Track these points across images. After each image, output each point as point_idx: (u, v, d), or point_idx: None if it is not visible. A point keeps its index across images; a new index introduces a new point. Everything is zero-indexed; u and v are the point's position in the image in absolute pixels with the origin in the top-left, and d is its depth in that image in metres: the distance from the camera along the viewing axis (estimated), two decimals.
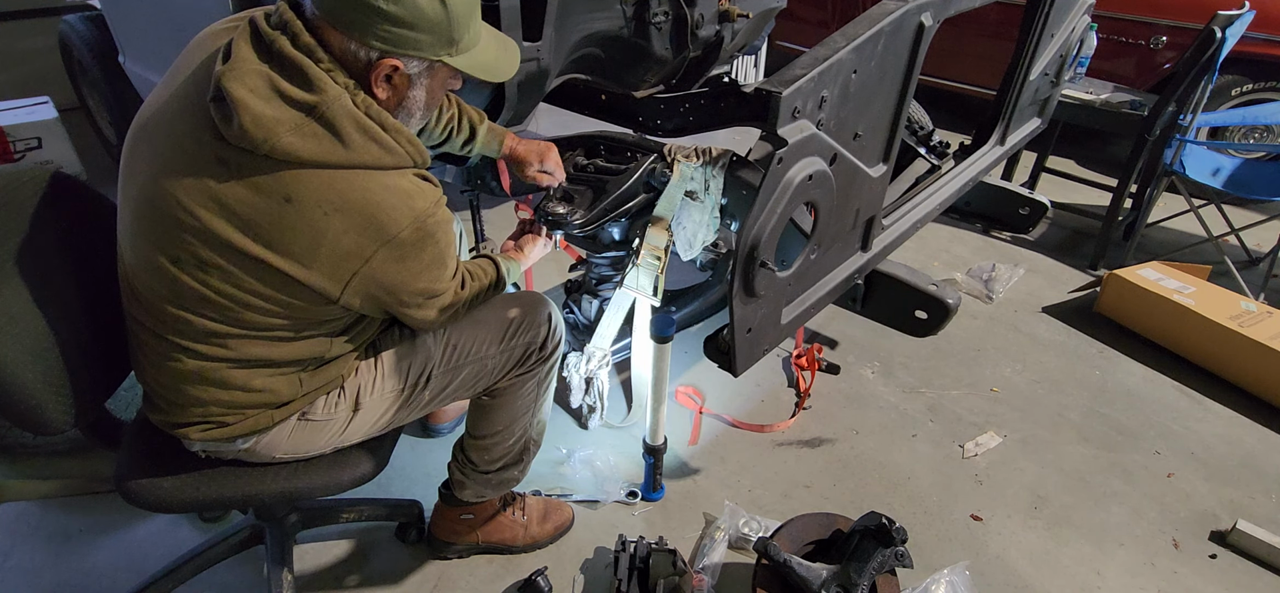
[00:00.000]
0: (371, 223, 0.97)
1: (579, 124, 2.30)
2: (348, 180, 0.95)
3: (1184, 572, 1.66)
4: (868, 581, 1.38)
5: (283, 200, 0.93)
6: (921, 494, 1.84)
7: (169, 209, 0.95)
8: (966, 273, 2.86)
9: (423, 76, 1.03)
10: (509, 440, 1.45)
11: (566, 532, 1.68)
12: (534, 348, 1.37)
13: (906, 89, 1.44)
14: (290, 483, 1.22)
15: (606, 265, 1.79)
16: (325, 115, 0.93)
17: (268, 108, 0.90)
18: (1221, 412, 2.17)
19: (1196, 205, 2.83)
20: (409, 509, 1.64)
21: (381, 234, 0.98)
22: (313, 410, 1.18)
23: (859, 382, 2.24)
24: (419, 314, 1.13)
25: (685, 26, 2.29)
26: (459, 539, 1.59)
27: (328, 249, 0.96)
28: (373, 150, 0.97)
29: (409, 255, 1.02)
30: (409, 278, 1.05)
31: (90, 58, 3.02)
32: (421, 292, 1.09)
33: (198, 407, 1.09)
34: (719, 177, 1.37)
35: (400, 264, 1.02)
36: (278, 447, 1.18)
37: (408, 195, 1.00)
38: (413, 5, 0.95)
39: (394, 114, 1.04)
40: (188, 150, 0.94)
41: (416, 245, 1.02)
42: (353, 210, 0.96)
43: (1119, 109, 2.85)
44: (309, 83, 0.92)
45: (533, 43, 1.68)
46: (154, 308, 1.02)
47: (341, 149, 0.94)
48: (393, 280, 1.03)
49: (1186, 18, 3.45)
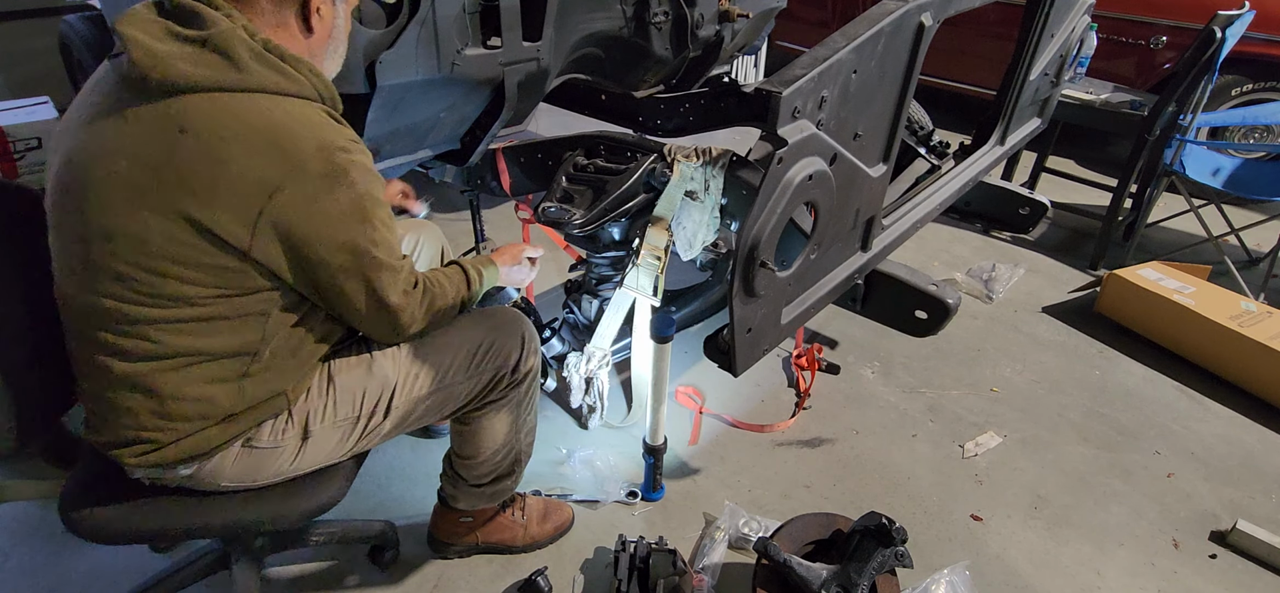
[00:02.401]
0: (273, 147, 0.92)
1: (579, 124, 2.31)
2: (245, 103, 0.92)
3: (1184, 572, 1.66)
4: (868, 581, 1.38)
5: (178, 131, 0.90)
6: (921, 494, 1.84)
7: (75, 183, 0.93)
8: (966, 273, 2.86)
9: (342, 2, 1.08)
10: (496, 458, 1.42)
11: (567, 532, 1.68)
12: (505, 372, 1.31)
13: (906, 89, 1.44)
14: (238, 514, 1.15)
15: (606, 265, 1.79)
16: (217, 43, 0.91)
17: (160, 45, 0.90)
18: (1221, 412, 2.17)
19: (1196, 205, 2.83)
20: (383, 532, 1.56)
21: (285, 160, 0.92)
22: (258, 437, 1.11)
23: (859, 382, 2.24)
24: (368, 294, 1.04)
25: (685, 26, 2.29)
26: (458, 540, 1.59)
27: (228, 182, 0.90)
28: (270, 76, 0.94)
29: (320, 193, 0.95)
30: (326, 225, 0.96)
31: (90, 58, 3.02)
32: (351, 250, 0.99)
33: (128, 419, 1.01)
34: (719, 177, 1.37)
35: (311, 205, 0.95)
36: (222, 474, 1.11)
37: (313, 125, 0.96)
38: None
39: (327, 47, 1.07)
40: (93, 121, 0.94)
41: (327, 180, 0.95)
42: (252, 134, 0.91)
43: (1119, 109, 2.85)
44: (201, 21, 0.92)
45: (533, 43, 1.68)
46: (75, 306, 0.98)
47: (235, 72, 0.92)
48: (307, 226, 0.95)
49: (1186, 18, 3.45)
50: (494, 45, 1.60)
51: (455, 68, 1.51)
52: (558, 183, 1.57)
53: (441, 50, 1.47)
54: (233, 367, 1.04)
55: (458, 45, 1.51)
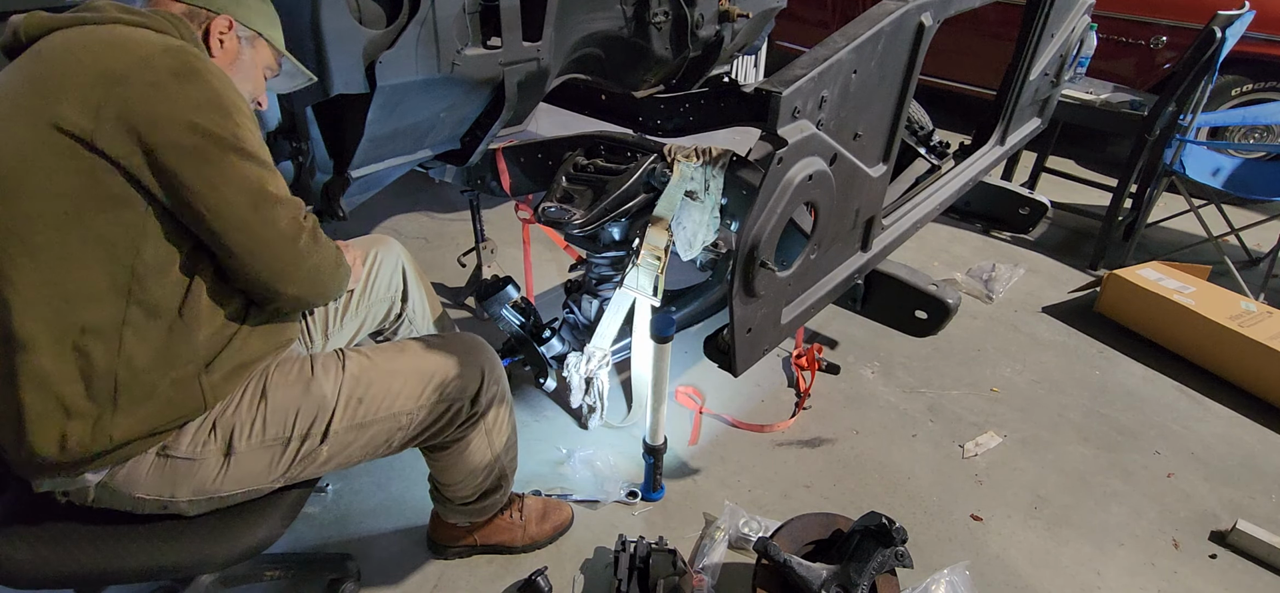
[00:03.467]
0: (120, 48, 0.93)
1: (579, 124, 2.31)
2: (103, 28, 0.96)
3: (1184, 572, 1.66)
4: (868, 581, 1.38)
5: (33, 57, 0.94)
6: (921, 494, 1.84)
7: None
8: (966, 273, 2.86)
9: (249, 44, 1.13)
10: (476, 480, 1.39)
11: (566, 531, 1.67)
12: (461, 404, 1.23)
13: (906, 89, 1.44)
14: (162, 553, 1.05)
15: (606, 265, 1.79)
16: (89, 5, 0.99)
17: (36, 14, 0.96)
18: (1221, 412, 2.17)
19: (1196, 205, 2.83)
20: (341, 564, 1.49)
21: (129, 55, 0.92)
22: (176, 445, 1.03)
23: (859, 382, 2.24)
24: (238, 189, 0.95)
25: (685, 26, 2.29)
26: (457, 543, 1.59)
27: (73, 81, 0.90)
28: (133, 16, 0.99)
29: (169, 84, 0.92)
30: (174, 107, 0.91)
31: None
32: (202, 132, 0.92)
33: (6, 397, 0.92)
34: (719, 177, 1.37)
35: (161, 90, 0.91)
36: (137, 483, 1.02)
37: (165, 42, 0.96)
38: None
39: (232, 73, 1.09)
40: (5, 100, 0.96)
41: (176, 75, 0.92)
42: (102, 45, 0.93)
43: (1119, 109, 2.85)
44: None
45: (533, 43, 1.68)
46: None
47: (95, 14, 0.97)
48: (153, 108, 0.90)
49: (1186, 18, 3.45)
50: (494, 45, 1.61)
51: (455, 68, 1.51)
52: (558, 183, 1.57)
53: (441, 50, 1.47)
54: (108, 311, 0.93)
55: (458, 45, 1.51)
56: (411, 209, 3.29)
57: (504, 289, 1.87)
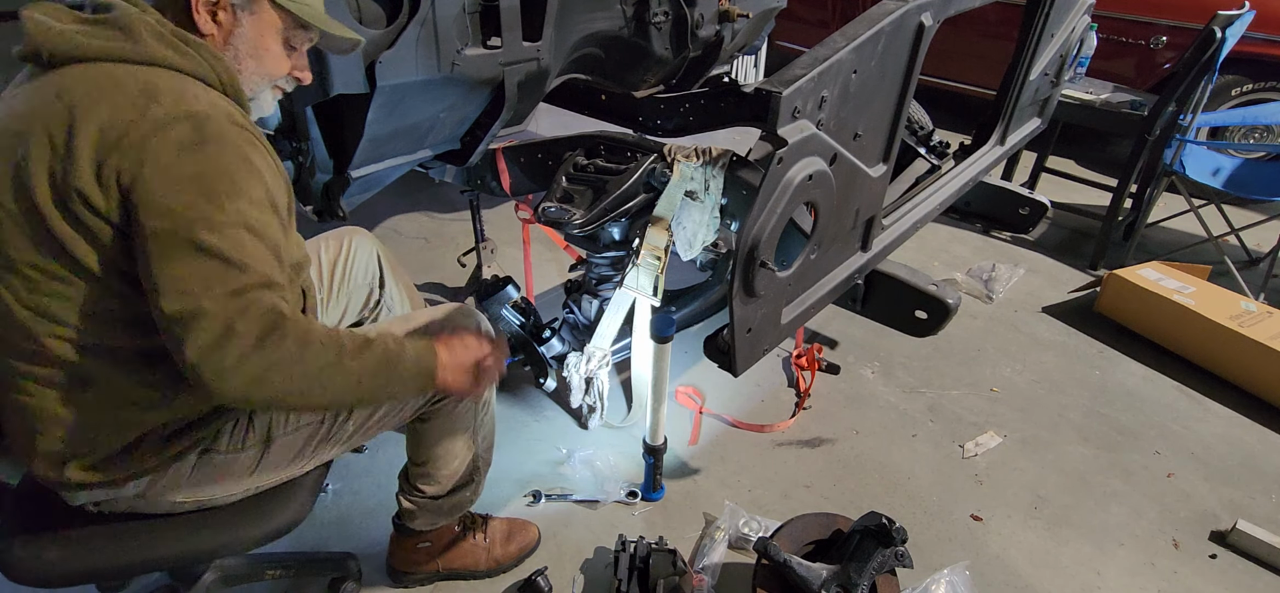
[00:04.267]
0: (138, 104, 0.85)
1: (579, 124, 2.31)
2: (128, 70, 0.87)
3: (1184, 572, 1.66)
4: (868, 581, 1.38)
5: (53, 97, 0.85)
6: (921, 494, 1.84)
7: None
8: (966, 273, 2.86)
9: (247, 10, 0.97)
10: (453, 462, 1.38)
11: (533, 551, 1.62)
12: None
13: (906, 89, 1.44)
14: (191, 543, 1.06)
15: (606, 265, 1.79)
16: (120, 21, 0.89)
17: (58, 24, 0.88)
18: (1221, 412, 2.17)
19: (1196, 205, 2.83)
20: (343, 563, 1.50)
21: (145, 115, 0.84)
22: (217, 444, 1.03)
23: (859, 382, 2.24)
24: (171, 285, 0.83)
25: (685, 26, 2.29)
26: (418, 569, 1.52)
27: (88, 135, 0.83)
28: (167, 53, 0.90)
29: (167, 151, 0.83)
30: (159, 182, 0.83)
31: None
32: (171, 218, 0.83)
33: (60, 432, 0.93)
34: (719, 177, 1.37)
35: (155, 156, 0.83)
36: (177, 489, 1.02)
37: (195, 97, 0.88)
38: None
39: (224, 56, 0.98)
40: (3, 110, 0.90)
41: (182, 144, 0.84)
42: (124, 93, 0.85)
43: (1119, 109, 2.85)
44: (108, 6, 0.91)
45: (533, 43, 1.68)
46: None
47: (128, 43, 0.88)
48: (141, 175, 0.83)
49: (1186, 18, 3.45)
50: (494, 45, 1.61)
51: (455, 68, 1.51)
52: (558, 183, 1.57)
53: (441, 50, 1.47)
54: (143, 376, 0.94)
55: (458, 45, 1.51)
56: (411, 209, 3.29)
57: (504, 289, 1.87)
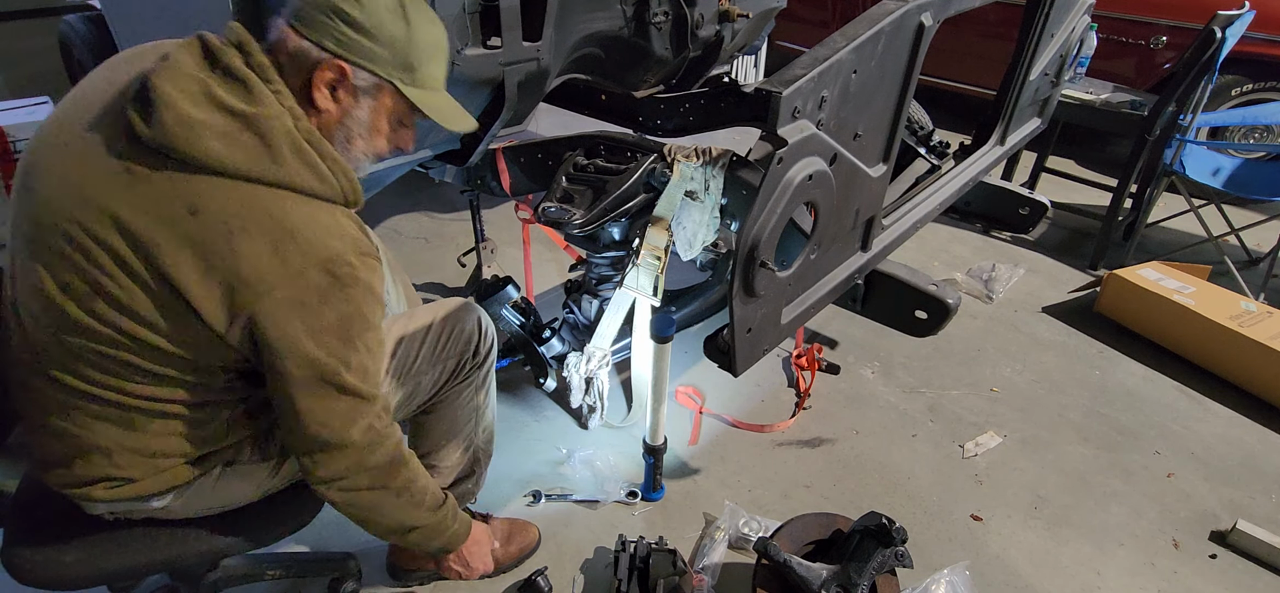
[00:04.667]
0: (278, 251, 0.86)
1: (579, 124, 2.31)
2: (265, 199, 0.86)
3: (1184, 572, 1.66)
4: (868, 581, 1.38)
5: (187, 212, 0.83)
6: (921, 494, 1.84)
7: (60, 224, 0.85)
8: (966, 273, 2.86)
9: (369, 95, 0.96)
10: (455, 454, 1.39)
11: (533, 552, 1.61)
12: (467, 357, 1.30)
13: (906, 89, 1.44)
14: (212, 542, 1.07)
15: (606, 265, 1.79)
16: (260, 127, 0.86)
17: (196, 110, 0.83)
18: (1221, 412, 2.17)
19: (1196, 205, 2.83)
20: (343, 564, 1.50)
21: (286, 266, 0.86)
22: (239, 457, 1.05)
23: (859, 382, 2.24)
24: (317, 418, 0.93)
25: (685, 26, 2.29)
26: (419, 567, 1.53)
27: (223, 271, 0.84)
28: (304, 175, 0.88)
29: (311, 302, 0.88)
30: (304, 336, 0.89)
31: (90, 58, 3.01)
32: (314, 365, 0.90)
33: (100, 458, 0.94)
34: (719, 177, 1.37)
35: (299, 310, 0.88)
36: (201, 501, 1.05)
37: (327, 231, 0.89)
38: (376, 16, 0.91)
39: (334, 134, 0.96)
40: (88, 158, 0.86)
41: (322, 292, 0.88)
42: (262, 232, 0.85)
43: (1119, 109, 2.85)
44: (251, 96, 0.86)
45: (533, 43, 1.68)
46: (43, 344, 0.90)
47: (269, 163, 0.86)
48: (285, 331, 0.88)
49: (1186, 18, 3.45)
50: (494, 45, 1.61)
51: (455, 68, 1.51)
52: (558, 183, 1.57)
53: None
54: (219, 410, 0.98)
55: (458, 45, 1.51)
56: (411, 209, 3.29)
57: (504, 289, 1.87)
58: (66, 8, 3.48)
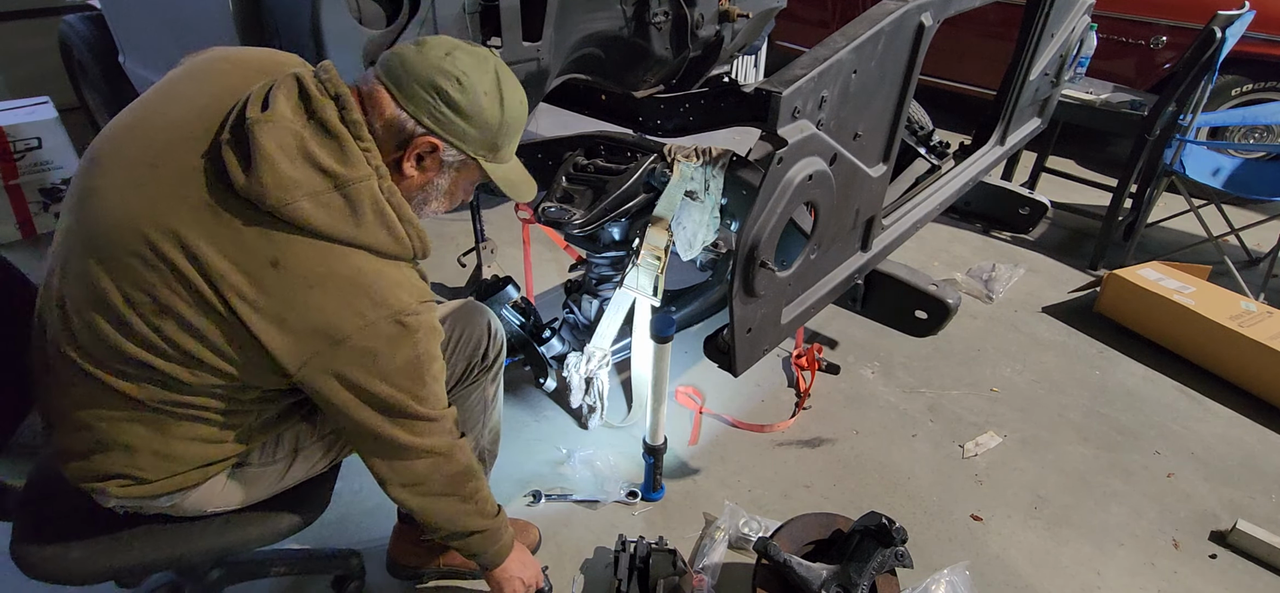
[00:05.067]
0: (351, 306, 0.90)
1: (579, 124, 2.31)
2: (342, 256, 0.90)
3: (1184, 572, 1.66)
4: (868, 581, 1.38)
5: (269, 263, 0.86)
6: (921, 494, 1.84)
7: (135, 242, 0.86)
8: (966, 273, 2.86)
9: (454, 168, 1.01)
10: None
11: (533, 552, 1.62)
12: (476, 359, 1.31)
13: (906, 89, 1.44)
14: (220, 539, 1.10)
15: (606, 265, 1.79)
16: (349, 190, 0.89)
17: (292, 169, 0.86)
18: (1221, 412, 2.17)
19: (1196, 205, 2.83)
20: (346, 561, 1.51)
21: (359, 318, 0.91)
22: (248, 459, 1.08)
23: (859, 382, 2.24)
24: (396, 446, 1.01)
25: (685, 26, 2.30)
26: (420, 563, 1.53)
27: (297, 319, 0.88)
28: (381, 236, 0.93)
29: (382, 350, 0.93)
30: (376, 380, 0.95)
31: (90, 58, 3.02)
32: (389, 404, 0.97)
33: (121, 455, 0.96)
34: (719, 177, 1.37)
35: (370, 358, 0.93)
36: (208, 502, 1.07)
37: (396, 285, 0.94)
38: (475, 100, 0.95)
39: (413, 196, 1.02)
40: (175, 185, 0.87)
41: (391, 341, 0.94)
42: (337, 288, 0.90)
43: (1119, 109, 2.85)
44: (343, 156, 0.90)
45: (533, 43, 1.68)
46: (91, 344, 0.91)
47: (352, 226, 0.90)
48: (357, 377, 0.94)
49: (1186, 18, 3.45)
50: (494, 45, 1.61)
51: None
52: (558, 183, 1.57)
53: None
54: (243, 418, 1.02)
55: None
56: None
57: (504, 289, 1.87)
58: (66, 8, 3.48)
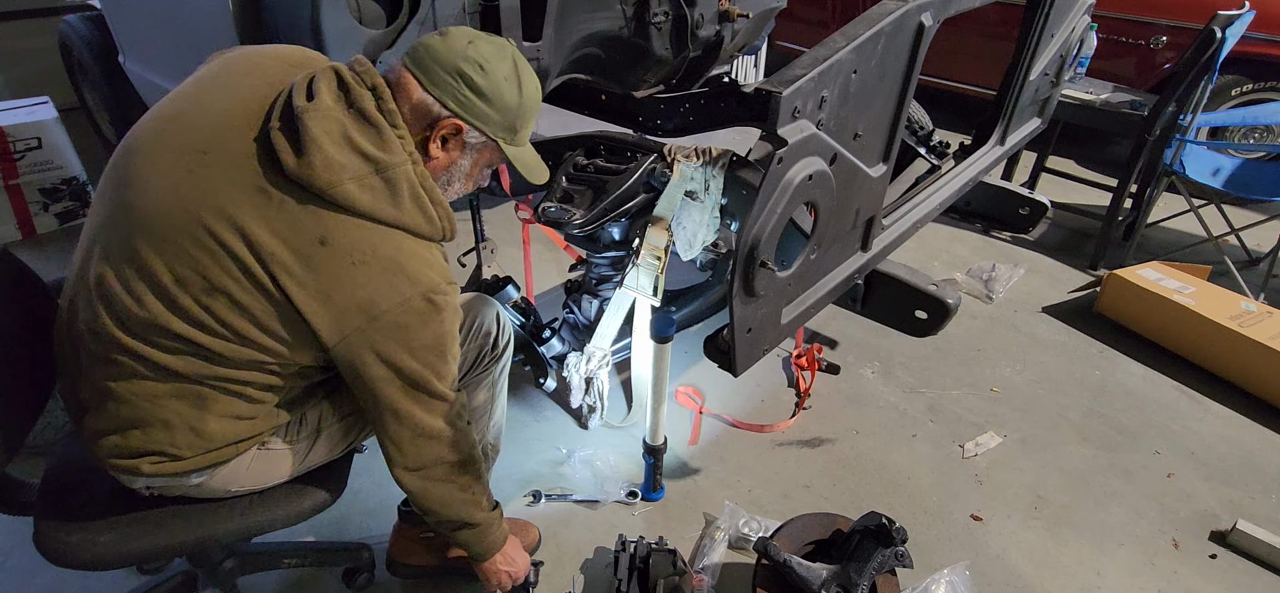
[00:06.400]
0: (390, 283, 0.97)
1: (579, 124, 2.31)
2: (385, 236, 0.97)
3: (1184, 572, 1.66)
4: (868, 581, 1.38)
5: (317, 242, 0.93)
6: (921, 494, 1.84)
7: (190, 224, 0.92)
8: (966, 273, 2.86)
9: (475, 150, 1.09)
10: None
11: (533, 552, 1.62)
12: (487, 348, 1.34)
13: (906, 89, 1.44)
14: (248, 518, 1.13)
15: (606, 265, 1.79)
16: (389, 174, 0.97)
17: (338, 153, 0.93)
18: (1221, 412, 2.17)
19: (1196, 205, 2.83)
20: (357, 553, 1.53)
21: (395, 294, 0.98)
22: (274, 438, 1.12)
23: (859, 382, 2.24)
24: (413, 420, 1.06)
25: (685, 26, 2.30)
26: (419, 560, 1.53)
27: (342, 295, 0.95)
28: (417, 217, 1.00)
29: (413, 325, 1.00)
30: (405, 353, 1.01)
31: (90, 58, 3.02)
32: (414, 377, 1.03)
33: (160, 432, 1.00)
34: (719, 177, 1.37)
35: (402, 333, 1.00)
36: (235, 480, 1.11)
37: (428, 265, 1.01)
38: (496, 84, 1.03)
39: (438, 177, 1.08)
40: (227, 170, 0.93)
41: (422, 317, 1.01)
42: (380, 266, 0.97)
43: (1119, 109, 2.85)
44: (382, 142, 0.97)
45: (533, 43, 1.68)
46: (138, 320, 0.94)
47: (392, 207, 0.97)
48: (389, 348, 1.00)
49: (1186, 18, 3.45)
50: None
51: None
52: (558, 183, 1.57)
53: None
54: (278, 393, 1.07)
55: None
56: None
57: (504, 289, 1.87)
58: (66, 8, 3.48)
